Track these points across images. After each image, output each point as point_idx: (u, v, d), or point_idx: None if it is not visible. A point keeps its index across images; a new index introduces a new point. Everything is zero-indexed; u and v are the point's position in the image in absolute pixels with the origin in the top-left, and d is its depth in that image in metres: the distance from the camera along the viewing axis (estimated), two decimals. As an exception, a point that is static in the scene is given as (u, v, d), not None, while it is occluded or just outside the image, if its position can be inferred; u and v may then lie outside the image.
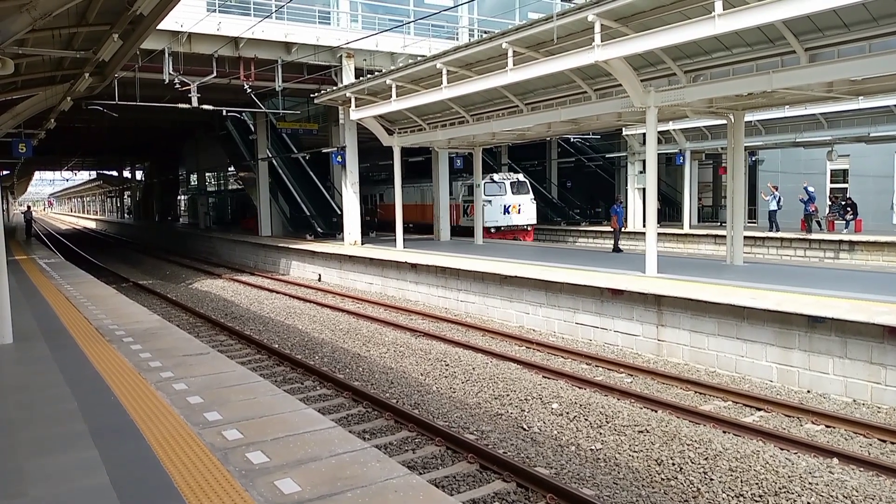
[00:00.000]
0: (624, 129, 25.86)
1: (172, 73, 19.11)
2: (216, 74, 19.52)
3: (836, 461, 6.72)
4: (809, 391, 8.94)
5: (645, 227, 14.12)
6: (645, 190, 19.87)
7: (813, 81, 10.82)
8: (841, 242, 20.69)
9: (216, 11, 18.86)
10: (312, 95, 21.24)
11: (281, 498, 3.69)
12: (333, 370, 10.47)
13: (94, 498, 3.78)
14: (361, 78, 19.22)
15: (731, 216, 14.34)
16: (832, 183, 26.24)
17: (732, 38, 11.11)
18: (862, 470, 6.53)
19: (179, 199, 51.37)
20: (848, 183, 25.58)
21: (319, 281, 21.63)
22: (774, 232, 22.47)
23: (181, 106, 20.31)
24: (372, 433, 7.67)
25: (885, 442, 7.27)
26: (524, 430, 7.87)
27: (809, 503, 5.91)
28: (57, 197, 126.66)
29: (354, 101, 19.57)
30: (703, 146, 26.55)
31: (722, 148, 24.71)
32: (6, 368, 6.94)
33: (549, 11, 14.03)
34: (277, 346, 12.21)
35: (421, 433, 7.54)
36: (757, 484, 6.24)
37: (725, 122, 14.21)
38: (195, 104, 19.84)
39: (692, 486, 6.31)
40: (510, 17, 23.72)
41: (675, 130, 25.67)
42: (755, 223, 26.06)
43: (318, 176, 29.35)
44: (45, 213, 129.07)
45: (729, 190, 14.50)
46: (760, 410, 8.35)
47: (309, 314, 15.73)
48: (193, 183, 46.52)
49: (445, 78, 15.36)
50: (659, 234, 15.51)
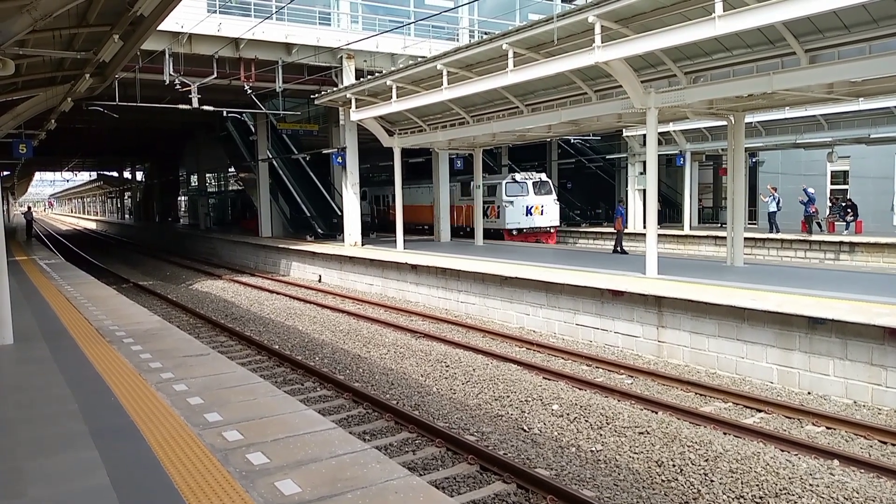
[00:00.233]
0: (624, 130, 25.87)
1: (173, 73, 19.13)
2: (217, 75, 19.54)
3: (836, 463, 6.72)
4: (810, 393, 8.93)
5: (645, 228, 14.12)
6: (645, 191, 19.93)
7: (813, 83, 10.83)
8: (841, 244, 20.69)
9: (217, 12, 18.88)
10: (313, 96, 21.26)
11: (281, 499, 3.69)
12: (334, 371, 10.47)
13: (94, 498, 3.78)
14: (362, 79, 19.25)
15: (731, 217, 14.35)
16: (832, 184, 26.26)
17: (733, 39, 11.12)
18: (863, 472, 6.53)
19: (180, 199, 51.39)
20: (848, 184, 25.60)
21: (320, 282, 21.63)
22: (774, 233, 22.46)
23: (182, 107, 20.33)
24: (372, 434, 7.67)
25: (885, 444, 7.26)
26: (525, 431, 7.87)
27: (810, 505, 5.91)
28: (57, 198, 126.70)
29: (355, 101, 19.58)
30: (703, 147, 26.56)
31: (722, 149, 24.70)
32: (7, 369, 6.94)
33: (549, 12, 14.06)
34: (278, 347, 12.21)
35: (421, 434, 7.53)
36: (757, 485, 6.24)
37: (726, 123, 14.22)
38: (196, 105, 19.86)
39: (693, 487, 6.30)
40: (510, 18, 23.74)
41: (675, 132, 25.68)
42: (755, 224, 26.07)
43: (318, 177, 29.35)
44: (45, 213, 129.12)
45: (729, 191, 14.52)
46: (761, 412, 8.35)
47: (309, 315, 15.73)
48: (194, 184, 46.54)
49: (446, 79, 15.37)
50: (659, 235, 15.52)
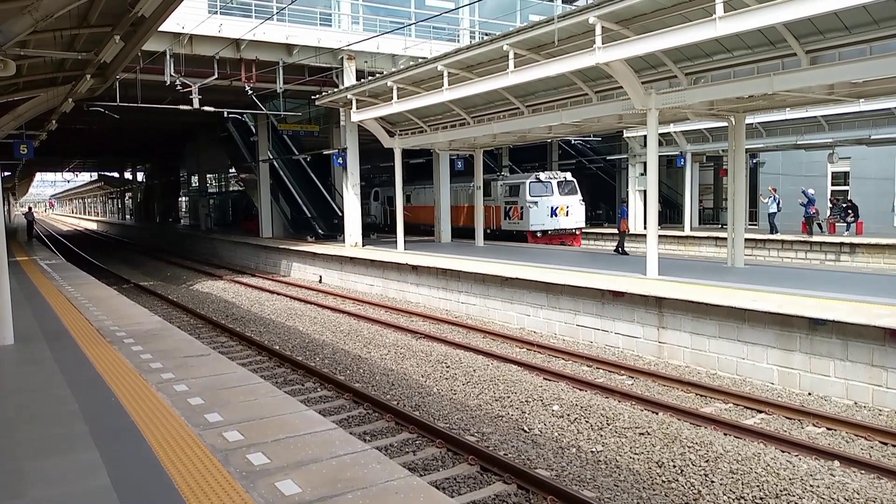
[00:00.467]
0: (625, 131, 25.87)
1: (174, 74, 19.15)
2: (217, 76, 19.55)
3: (837, 464, 6.71)
4: (810, 393, 8.93)
5: (646, 229, 14.12)
6: (646, 192, 19.94)
7: (814, 84, 10.82)
8: (842, 245, 20.68)
9: (217, 13, 18.90)
10: (314, 97, 21.26)
11: (281, 499, 3.69)
12: (334, 372, 10.47)
13: (94, 499, 3.78)
14: (362, 80, 19.25)
15: (731, 218, 14.35)
16: (833, 185, 26.22)
17: (733, 40, 11.12)
18: (863, 472, 6.52)
19: (180, 200, 51.41)
20: (849, 185, 25.57)
21: (320, 282, 21.63)
22: (773, 234, 22.47)
23: (182, 107, 20.34)
24: (373, 435, 7.67)
25: (886, 444, 7.25)
26: (525, 431, 7.86)
27: (810, 506, 5.91)
28: (58, 198, 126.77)
29: (355, 102, 19.58)
30: (704, 148, 26.55)
31: (723, 150, 24.69)
32: (7, 369, 6.94)
33: (550, 13, 14.06)
34: (278, 347, 12.21)
35: (422, 435, 7.53)
36: (758, 486, 6.24)
37: (726, 124, 14.22)
38: (196, 106, 19.87)
39: (693, 488, 6.30)
40: (511, 19, 23.75)
41: (675, 132, 25.67)
42: (756, 225, 26.05)
43: (319, 177, 29.35)
44: (46, 214, 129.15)
45: (730, 192, 14.51)
46: (761, 413, 8.34)
47: (310, 316, 15.73)
48: (194, 184, 46.56)
49: (446, 80, 15.37)
50: (660, 236, 15.53)
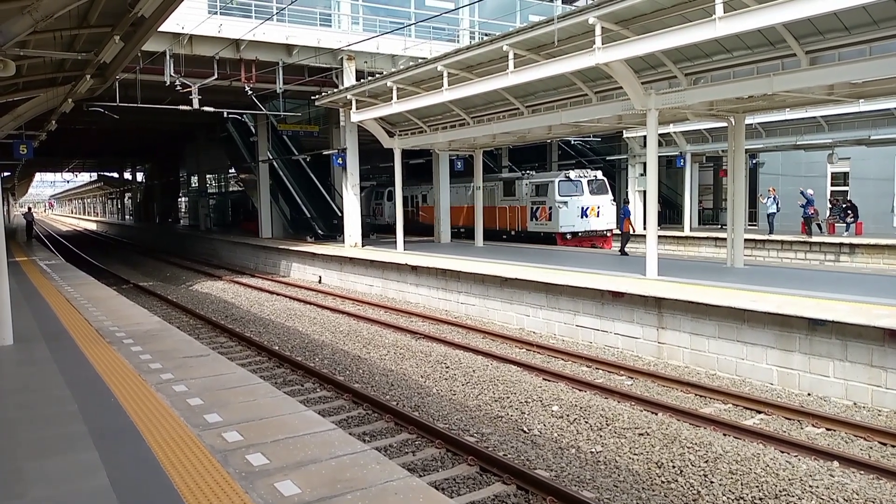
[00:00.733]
0: (624, 131, 25.87)
1: (174, 74, 19.14)
2: (217, 76, 19.55)
3: (836, 464, 6.71)
4: (810, 394, 8.93)
5: (645, 229, 14.12)
6: (645, 192, 19.93)
7: (813, 84, 10.83)
8: (841, 245, 20.69)
9: (217, 13, 18.90)
10: (313, 97, 21.27)
11: (281, 500, 3.69)
12: (334, 372, 10.47)
13: (94, 500, 3.78)
14: (362, 80, 19.26)
15: (731, 219, 14.35)
16: (833, 186, 26.24)
17: (733, 40, 11.12)
18: (863, 473, 6.52)
19: (180, 200, 51.40)
20: (848, 186, 25.58)
21: (320, 283, 21.63)
22: (771, 235, 22.51)
23: (182, 108, 20.34)
24: (372, 435, 7.67)
25: (885, 445, 7.25)
26: (524, 432, 7.86)
27: (810, 506, 5.91)
28: (57, 198, 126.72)
29: (355, 103, 19.59)
30: (703, 149, 26.57)
31: (722, 150, 24.73)
32: (6, 370, 6.94)
33: (550, 14, 14.07)
34: (278, 347, 12.21)
35: (421, 435, 7.53)
36: (757, 487, 6.24)
37: (726, 124, 14.23)
38: (196, 106, 19.87)
39: (692, 488, 6.30)
40: (511, 19, 23.75)
41: (675, 133, 25.69)
42: (755, 226, 26.07)
43: (318, 178, 29.35)
44: (45, 214, 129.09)
45: (729, 193, 14.52)
46: (761, 413, 8.34)
47: (309, 316, 15.73)
48: (194, 185, 46.55)
49: (446, 80, 15.37)
50: (659, 236, 15.53)
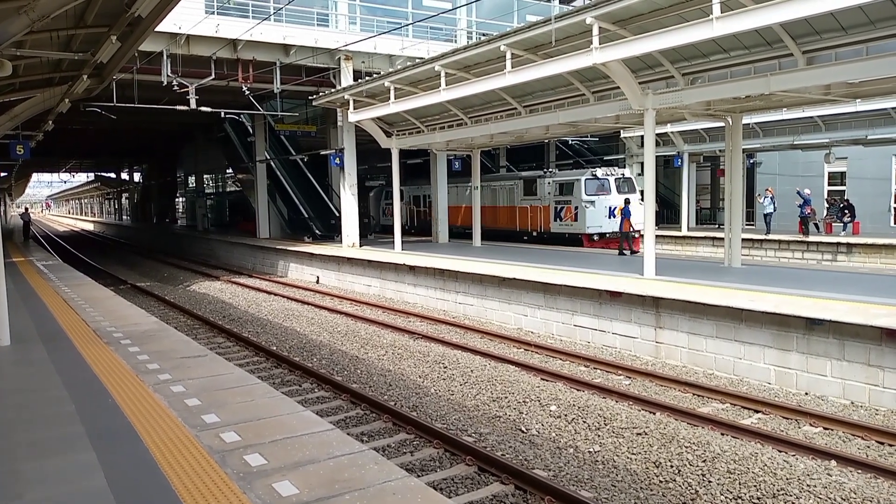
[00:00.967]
0: (622, 131, 25.90)
1: (171, 74, 19.11)
2: (214, 76, 19.53)
3: (834, 463, 6.73)
4: (807, 393, 8.94)
5: (643, 229, 14.12)
6: (643, 192, 19.92)
7: (810, 84, 10.85)
8: (839, 245, 20.73)
9: (215, 13, 18.88)
10: (311, 97, 21.26)
11: (279, 500, 3.69)
12: (331, 372, 10.46)
13: (91, 500, 3.77)
14: (360, 80, 19.25)
15: (729, 218, 14.37)
16: (830, 185, 26.29)
17: (730, 40, 11.14)
18: (860, 472, 6.54)
19: (177, 200, 51.35)
20: (845, 185, 25.62)
21: (318, 283, 21.62)
22: (767, 234, 22.58)
23: (179, 108, 20.31)
24: (370, 435, 7.66)
25: (882, 444, 7.27)
26: (522, 432, 7.87)
27: (807, 505, 5.91)
28: (54, 199, 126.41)
29: (353, 103, 19.58)
30: (701, 148, 26.60)
31: (720, 150, 24.75)
32: (3, 370, 6.92)
33: (547, 14, 14.07)
34: (275, 348, 12.19)
35: (419, 435, 7.53)
36: (755, 486, 6.24)
37: (723, 124, 14.26)
38: (193, 106, 19.85)
39: (690, 488, 6.31)
40: (508, 19, 23.78)
41: (673, 133, 25.70)
42: (753, 225, 26.12)
43: (316, 178, 29.34)
44: (42, 214, 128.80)
45: (727, 192, 14.53)
46: (758, 412, 8.35)
47: (307, 316, 15.71)
48: (191, 185, 46.52)
49: (444, 80, 15.37)
50: (657, 236, 15.53)
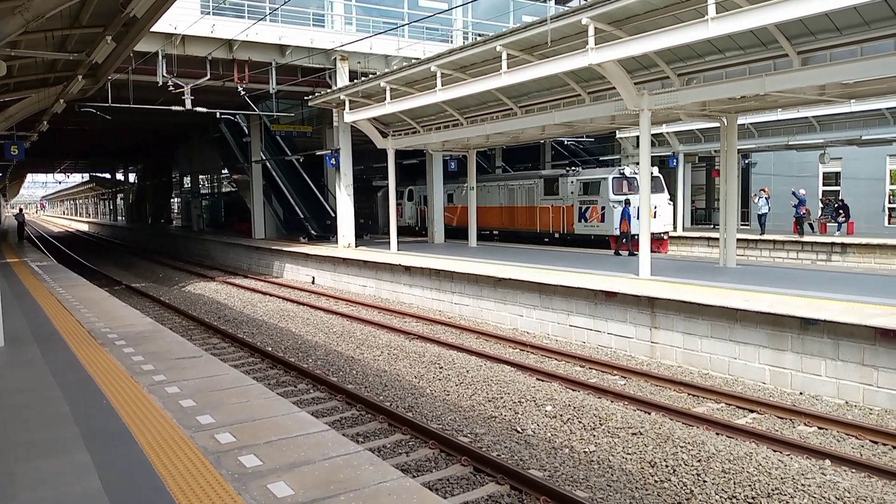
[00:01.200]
0: (617, 131, 25.93)
1: (166, 75, 19.08)
2: (210, 77, 19.50)
3: (828, 463, 6.75)
4: (802, 393, 8.97)
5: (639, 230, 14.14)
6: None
7: (805, 85, 10.89)
8: (833, 245, 20.80)
9: (210, 14, 18.85)
10: (306, 98, 21.24)
11: (274, 502, 3.68)
12: (327, 373, 10.45)
13: (86, 502, 3.75)
14: (355, 80, 19.25)
15: (724, 219, 14.40)
16: (825, 186, 26.37)
17: (725, 41, 11.17)
18: (854, 471, 6.56)
19: (172, 201, 51.23)
20: (840, 186, 25.71)
21: (313, 284, 21.59)
22: (762, 235, 22.67)
23: (175, 108, 20.28)
24: (365, 436, 7.66)
25: (876, 443, 7.30)
26: (518, 432, 7.87)
27: (802, 505, 5.93)
28: (49, 199, 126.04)
29: (348, 103, 19.57)
30: (696, 149, 26.66)
31: (715, 151, 24.82)
32: (-3, 372, 6.88)
33: (543, 14, 14.07)
34: (271, 349, 12.18)
35: (415, 436, 7.52)
36: (750, 485, 6.26)
37: (718, 124, 14.28)
38: (189, 106, 19.82)
39: (685, 487, 6.32)
40: (504, 20, 23.79)
41: (668, 133, 25.77)
42: (748, 226, 26.19)
43: (312, 178, 29.31)
44: (36, 215, 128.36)
45: (722, 192, 14.58)
46: (753, 412, 8.37)
47: (302, 317, 15.70)
48: (187, 185, 46.42)
49: (439, 80, 15.38)
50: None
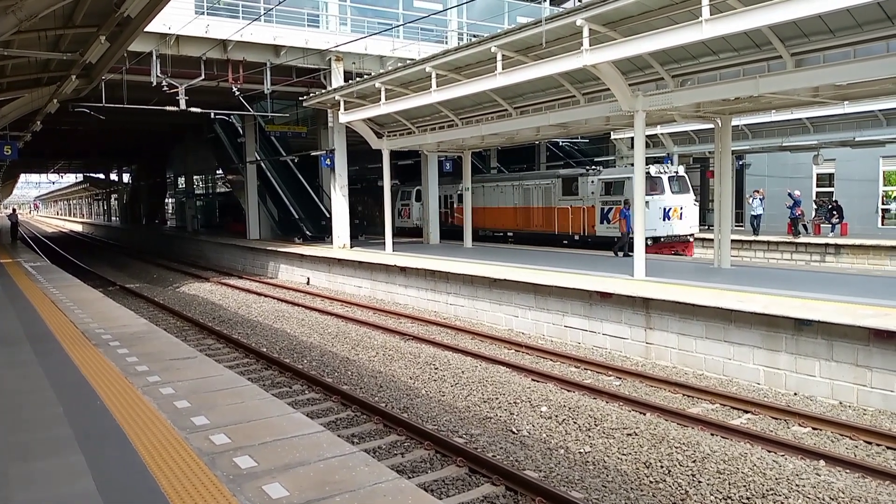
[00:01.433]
0: (612, 132, 26.02)
1: (160, 75, 19.02)
2: (204, 77, 19.45)
3: (822, 463, 6.77)
4: (796, 394, 9.00)
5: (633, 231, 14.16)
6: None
7: (799, 86, 10.92)
8: (827, 246, 20.88)
9: (204, 14, 18.80)
10: (301, 98, 21.20)
11: (269, 503, 3.67)
12: (322, 374, 10.43)
13: (80, 503, 3.74)
14: (350, 81, 19.23)
15: (718, 220, 14.44)
16: (818, 187, 26.49)
17: (719, 42, 11.20)
18: (848, 472, 6.58)
19: (167, 201, 51.10)
20: (834, 187, 25.82)
21: (308, 284, 21.56)
22: (755, 236, 22.76)
23: (169, 108, 20.21)
24: (361, 437, 7.65)
25: (870, 444, 7.32)
26: (513, 433, 7.87)
27: (796, 505, 5.95)
28: (43, 200, 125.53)
29: (343, 104, 19.54)
30: (690, 150, 26.74)
31: (709, 152, 24.88)
32: (-10, 373, 6.85)
33: (538, 16, 14.11)
34: (265, 349, 12.15)
35: (410, 437, 7.52)
36: (745, 486, 6.27)
37: (713, 126, 14.33)
38: (183, 107, 19.76)
39: (680, 488, 6.33)
40: (499, 21, 23.79)
41: (662, 134, 25.83)
42: (742, 227, 26.29)
43: (306, 179, 29.26)
44: (30, 216, 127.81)
45: (716, 194, 14.60)
46: (748, 413, 8.40)
47: (297, 318, 15.67)
48: (181, 186, 46.29)
49: (435, 81, 15.37)
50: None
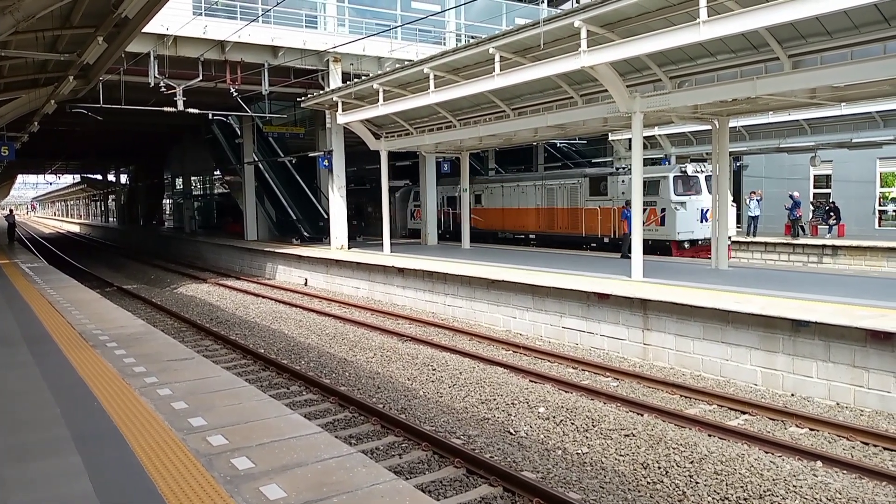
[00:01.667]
0: (610, 134, 26.03)
1: (158, 76, 19.01)
2: (202, 78, 19.44)
3: (819, 464, 6.78)
4: (793, 394, 9.01)
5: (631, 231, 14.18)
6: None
7: (796, 88, 10.94)
8: (824, 247, 20.92)
9: (202, 15, 18.79)
10: (299, 99, 21.19)
11: (266, 504, 3.67)
12: (319, 375, 10.43)
13: (76, 505, 3.73)
14: (348, 82, 19.21)
15: (715, 221, 14.45)
16: (815, 188, 26.53)
17: (717, 44, 11.23)
18: (845, 472, 6.60)
19: (164, 202, 51.05)
20: (831, 188, 25.86)
21: (306, 285, 21.55)
22: (752, 237, 22.80)
23: (167, 109, 20.21)
24: (358, 438, 7.65)
25: (867, 445, 7.34)
26: (511, 434, 7.87)
27: (793, 506, 5.96)
28: (40, 200, 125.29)
29: (341, 105, 19.54)
30: (688, 151, 26.74)
31: (707, 153, 24.88)
32: (-13, 374, 6.83)
33: (536, 17, 14.13)
34: (263, 350, 12.14)
35: (407, 438, 7.52)
36: (742, 487, 6.28)
37: (710, 127, 14.34)
38: (181, 108, 19.76)
39: (678, 489, 6.34)
40: (497, 22, 23.81)
41: (660, 136, 25.86)
42: (739, 228, 26.31)
43: (304, 180, 29.24)
44: (27, 217, 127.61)
45: (714, 195, 14.62)
46: (745, 414, 8.41)
47: (295, 319, 15.66)
48: (179, 187, 46.26)
49: (433, 82, 15.38)
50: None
